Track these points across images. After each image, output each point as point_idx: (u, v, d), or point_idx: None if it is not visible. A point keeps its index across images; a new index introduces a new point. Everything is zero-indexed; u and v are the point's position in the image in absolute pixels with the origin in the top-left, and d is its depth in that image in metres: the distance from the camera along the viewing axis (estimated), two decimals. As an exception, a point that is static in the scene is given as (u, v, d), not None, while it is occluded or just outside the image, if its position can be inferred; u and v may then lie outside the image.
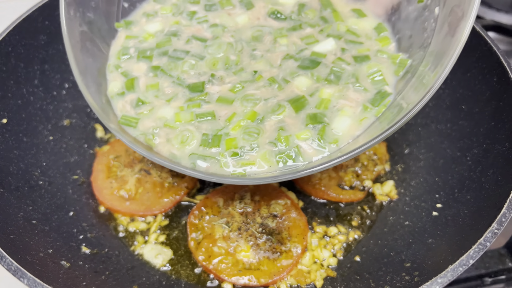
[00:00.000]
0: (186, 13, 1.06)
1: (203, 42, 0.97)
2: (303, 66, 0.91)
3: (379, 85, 0.89)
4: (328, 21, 1.01)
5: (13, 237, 0.85)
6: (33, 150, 1.09)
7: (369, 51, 0.95)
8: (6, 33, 1.08)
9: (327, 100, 0.85)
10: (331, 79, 0.89)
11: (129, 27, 1.03)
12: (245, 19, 1.02)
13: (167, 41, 0.98)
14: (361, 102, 0.86)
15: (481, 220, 0.83)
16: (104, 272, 0.95)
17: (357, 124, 0.84)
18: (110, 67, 0.97)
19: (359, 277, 0.96)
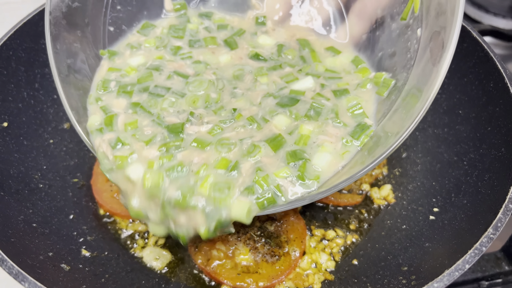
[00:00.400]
0: (170, 47, 1.04)
1: (184, 79, 0.95)
2: (281, 104, 0.90)
3: (359, 118, 0.88)
4: (306, 61, 1.02)
5: (13, 240, 0.86)
6: (33, 153, 1.10)
7: (348, 85, 0.95)
8: (7, 37, 1.08)
9: (306, 136, 0.84)
10: (311, 115, 0.88)
11: (113, 58, 1.01)
12: (227, 58, 1.02)
13: (148, 76, 0.96)
14: (341, 136, 0.85)
15: (477, 225, 0.84)
16: (104, 275, 0.96)
17: (339, 158, 0.83)
18: (90, 98, 0.94)
19: (357, 281, 0.97)
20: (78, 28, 0.97)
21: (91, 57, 0.99)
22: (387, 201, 1.13)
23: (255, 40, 1.06)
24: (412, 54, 0.85)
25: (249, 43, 1.05)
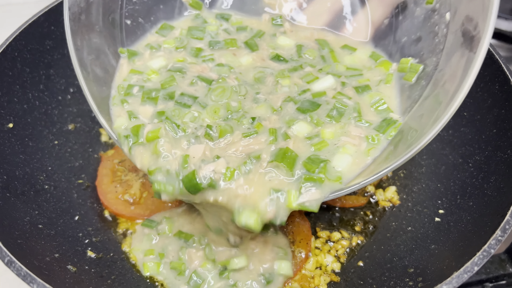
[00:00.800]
0: (190, 48, 1.03)
1: (207, 84, 0.93)
2: (302, 109, 0.88)
3: (384, 114, 0.87)
4: (326, 61, 1.01)
5: (20, 241, 0.86)
6: (38, 154, 1.10)
7: (369, 81, 0.94)
8: (13, 38, 1.08)
9: (325, 143, 0.82)
10: (333, 115, 0.87)
11: (132, 59, 1.01)
12: (249, 60, 1.01)
13: (171, 80, 0.94)
14: (365, 135, 0.84)
15: (484, 227, 0.84)
16: (110, 276, 0.95)
17: (363, 157, 0.81)
18: (114, 99, 0.93)
19: (363, 282, 0.97)
20: (96, 23, 0.96)
21: (110, 54, 0.99)
22: (392, 202, 1.13)
23: (275, 41, 1.06)
24: (440, 38, 0.84)
25: (269, 44, 1.05)
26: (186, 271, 0.97)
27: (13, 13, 1.98)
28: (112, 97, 0.93)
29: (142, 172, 1.16)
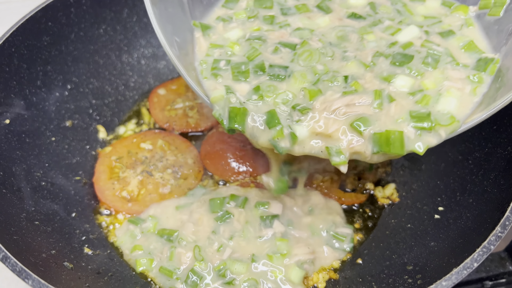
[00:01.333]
0: (263, 17, 1.02)
1: (292, 50, 0.91)
2: (396, 62, 0.87)
3: (476, 55, 0.87)
4: (402, 14, 1.01)
5: (16, 237, 0.85)
6: (35, 151, 1.09)
7: (451, 26, 0.94)
8: (10, 34, 1.07)
9: (428, 97, 0.80)
10: (429, 62, 0.86)
11: (207, 32, 0.98)
12: (326, 21, 0.99)
13: (255, 50, 0.92)
14: (466, 76, 0.83)
15: (484, 224, 0.83)
16: (107, 273, 0.95)
17: (471, 97, 0.81)
18: (203, 73, 0.90)
19: (362, 280, 0.96)
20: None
21: (184, 25, 0.98)
22: (391, 200, 1.13)
23: (346, 2, 1.04)
24: None
25: (341, 5, 1.03)
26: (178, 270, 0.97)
27: (12, 11, 1.97)
28: (200, 71, 0.91)
29: (139, 169, 1.16)
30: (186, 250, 0.98)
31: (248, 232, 1.01)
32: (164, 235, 1.01)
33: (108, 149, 1.21)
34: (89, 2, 1.26)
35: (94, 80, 1.30)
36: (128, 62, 1.38)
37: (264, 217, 1.02)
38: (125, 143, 1.22)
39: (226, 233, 1.00)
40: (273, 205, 1.05)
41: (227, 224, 1.01)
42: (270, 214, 1.03)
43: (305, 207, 1.08)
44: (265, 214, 1.03)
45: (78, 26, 1.26)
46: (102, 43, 1.32)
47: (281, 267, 0.96)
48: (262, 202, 1.05)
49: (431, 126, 0.76)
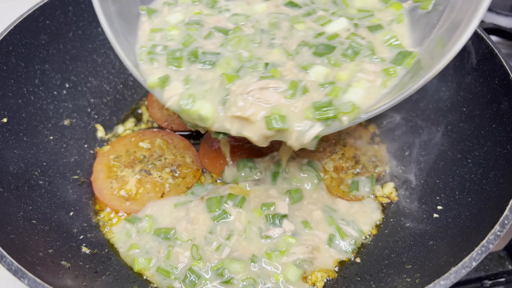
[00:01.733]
0: (206, 2, 1.05)
1: (225, 34, 0.96)
2: (318, 52, 0.91)
3: (397, 49, 0.91)
4: (338, 5, 1.04)
5: (13, 236, 0.84)
6: (33, 149, 1.09)
7: (381, 21, 0.98)
8: (7, 32, 1.07)
9: (337, 89, 0.84)
10: (348, 54, 0.90)
11: (151, 16, 1.02)
12: (263, 7, 1.03)
13: (190, 37, 0.96)
14: (380, 69, 0.87)
15: (483, 222, 0.83)
16: (105, 272, 0.94)
17: (379, 89, 0.85)
18: (141, 56, 0.95)
19: (360, 279, 0.96)
20: None
21: (132, 10, 1.01)
22: (390, 199, 1.12)
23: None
24: None
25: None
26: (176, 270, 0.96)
27: (13, 10, 1.97)
28: (138, 54, 0.95)
29: (138, 167, 1.15)
30: (183, 249, 0.98)
31: (251, 232, 1.00)
32: (160, 233, 1.01)
33: (106, 148, 1.21)
34: (87, 1, 1.25)
35: (92, 79, 1.30)
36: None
37: (271, 217, 1.02)
38: (123, 142, 1.22)
39: (223, 233, 1.00)
40: (278, 205, 1.05)
41: (224, 224, 1.01)
42: (278, 214, 1.03)
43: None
44: (271, 214, 1.03)
45: (76, 25, 1.25)
46: (101, 41, 1.32)
47: (279, 265, 0.96)
48: (267, 203, 1.05)
49: (335, 115, 0.80)
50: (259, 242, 1.00)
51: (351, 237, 1.03)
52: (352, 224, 1.05)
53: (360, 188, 1.12)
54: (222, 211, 1.03)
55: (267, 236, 1.00)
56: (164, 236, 1.00)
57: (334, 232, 1.03)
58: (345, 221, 1.06)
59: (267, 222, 1.02)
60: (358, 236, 1.04)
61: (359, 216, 1.08)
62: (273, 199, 1.06)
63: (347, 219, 1.06)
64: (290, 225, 1.02)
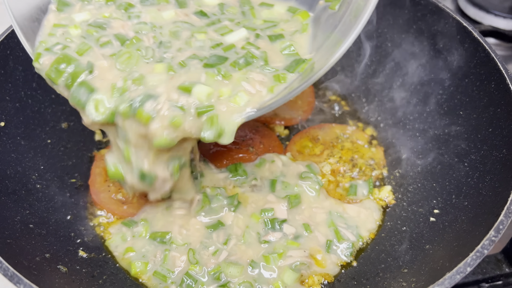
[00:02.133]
0: (120, 3, 1.00)
1: (121, 45, 0.92)
2: (209, 63, 0.89)
3: (293, 57, 0.92)
4: (246, 16, 1.03)
5: (9, 241, 0.85)
6: (30, 153, 1.09)
7: (283, 31, 0.98)
8: (5, 36, 1.07)
9: (215, 117, 0.83)
10: (240, 63, 0.89)
11: (61, 8, 0.97)
12: (171, 15, 1.00)
13: (84, 45, 0.91)
14: (269, 79, 0.88)
15: (479, 227, 0.83)
16: (102, 276, 0.95)
17: (267, 95, 0.86)
18: (38, 48, 0.91)
19: (356, 283, 0.96)
20: None
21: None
22: (387, 202, 1.13)
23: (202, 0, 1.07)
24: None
25: (196, 2, 1.05)
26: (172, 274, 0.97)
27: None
28: (35, 46, 0.91)
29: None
30: (180, 254, 0.98)
31: (249, 237, 1.01)
32: (156, 237, 1.01)
33: (104, 151, 1.21)
34: (85, 4, 1.26)
35: (90, 82, 1.30)
36: (125, 63, 1.38)
37: (269, 221, 1.03)
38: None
39: (220, 238, 1.00)
40: (277, 210, 1.05)
41: (221, 230, 1.02)
42: (277, 218, 1.04)
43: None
44: (269, 218, 1.03)
45: (74, 28, 1.25)
46: (98, 44, 1.32)
47: (276, 268, 0.97)
48: (266, 208, 1.05)
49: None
50: (258, 246, 1.00)
51: (348, 241, 1.03)
52: (351, 228, 1.05)
53: (358, 192, 1.12)
54: (218, 222, 1.03)
55: (265, 241, 1.00)
56: (160, 240, 1.01)
57: (332, 236, 1.03)
58: (346, 225, 1.06)
59: (266, 227, 1.02)
60: (356, 240, 1.04)
61: (360, 218, 1.08)
62: (271, 204, 1.07)
63: (349, 223, 1.06)
64: (290, 228, 1.02)
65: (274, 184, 1.11)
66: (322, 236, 1.03)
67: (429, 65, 1.18)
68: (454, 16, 1.11)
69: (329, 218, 1.06)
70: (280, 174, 1.13)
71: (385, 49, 1.29)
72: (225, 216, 1.04)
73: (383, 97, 1.30)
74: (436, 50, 1.16)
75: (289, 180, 1.12)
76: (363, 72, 1.35)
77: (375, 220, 1.08)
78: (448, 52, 1.13)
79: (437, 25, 1.14)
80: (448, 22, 1.12)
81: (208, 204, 1.05)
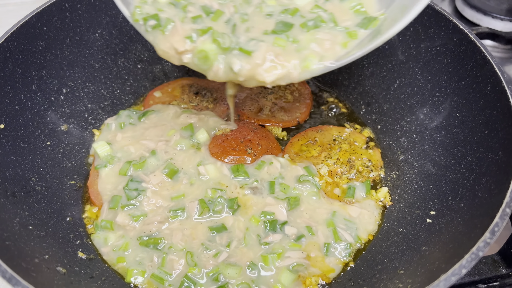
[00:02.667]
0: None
1: (206, 15, 0.98)
2: (277, 31, 0.93)
3: (362, 15, 0.95)
4: None
5: (8, 243, 0.85)
6: (30, 155, 1.10)
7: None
8: (4, 39, 1.08)
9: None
10: (309, 25, 0.94)
11: None
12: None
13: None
14: (340, 39, 0.92)
15: (474, 229, 0.84)
16: (100, 277, 0.95)
17: (338, 50, 0.90)
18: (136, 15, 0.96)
19: (353, 284, 0.97)
20: None
21: None
22: (384, 203, 1.13)
23: None
24: None
25: None
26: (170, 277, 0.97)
27: (12, 14, 1.98)
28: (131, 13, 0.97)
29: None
30: (178, 257, 0.99)
31: (250, 239, 1.01)
32: (149, 244, 1.01)
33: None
34: (84, 7, 1.27)
35: (89, 84, 1.31)
36: (124, 66, 1.38)
37: (268, 223, 1.04)
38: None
39: (223, 241, 1.01)
40: (277, 212, 1.06)
41: (225, 233, 1.02)
42: (278, 220, 1.04)
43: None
44: (269, 221, 1.04)
45: (74, 31, 1.26)
46: (98, 47, 1.33)
47: (274, 268, 0.97)
48: (266, 212, 1.06)
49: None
50: (258, 248, 1.01)
51: (346, 242, 1.04)
52: (350, 230, 1.06)
53: (356, 194, 1.13)
54: (222, 225, 1.04)
55: (266, 242, 1.01)
56: (154, 247, 1.01)
57: (330, 237, 1.04)
58: (346, 226, 1.06)
59: (266, 229, 1.03)
60: (353, 242, 1.05)
61: (361, 220, 1.08)
62: (271, 206, 1.07)
63: (349, 224, 1.07)
64: (292, 229, 1.03)
65: (273, 186, 1.11)
66: (322, 237, 1.04)
67: (426, 68, 1.19)
68: (451, 18, 1.11)
69: (329, 219, 1.07)
70: (279, 176, 1.14)
71: (382, 52, 1.30)
72: (226, 219, 1.05)
73: (380, 99, 1.30)
74: (433, 52, 1.17)
75: (287, 182, 1.13)
76: (361, 74, 1.36)
77: (375, 220, 1.09)
78: (445, 54, 1.13)
79: (434, 28, 1.15)
80: (445, 25, 1.13)
81: (208, 211, 1.05)
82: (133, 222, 1.04)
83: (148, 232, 1.03)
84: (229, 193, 1.10)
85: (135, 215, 1.05)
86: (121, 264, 0.99)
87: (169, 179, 1.11)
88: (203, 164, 1.14)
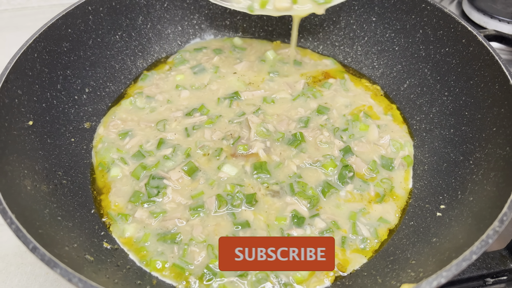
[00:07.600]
0: None
1: None
2: None
3: None
4: None
5: (41, 231, 0.90)
6: (56, 151, 1.14)
7: None
8: (33, 40, 1.13)
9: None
10: None
11: None
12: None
13: None
14: None
15: (484, 220, 0.87)
16: (125, 266, 1.00)
17: None
18: None
19: (367, 274, 1.00)
20: None
21: None
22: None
23: None
24: None
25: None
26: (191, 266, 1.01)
27: (29, 17, 2.05)
28: None
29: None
30: (199, 249, 1.02)
31: (273, 233, 1.05)
32: (166, 240, 1.04)
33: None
34: (106, 10, 1.32)
35: (110, 84, 1.36)
36: (143, 67, 1.44)
37: (291, 217, 1.07)
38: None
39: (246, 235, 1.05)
40: (299, 210, 1.09)
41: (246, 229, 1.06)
42: (301, 216, 1.07)
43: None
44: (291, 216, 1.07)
45: (96, 33, 1.32)
46: (118, 48, 1.38)
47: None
48: (285, 211, 1.09)
49: None
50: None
51: (362, 236, 1.07)
52: (369, 226, 1.08)
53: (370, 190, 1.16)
54: (246, 222, 1.07)
55: (289, 234, 1.04)
56: (172, 241, 1.04)
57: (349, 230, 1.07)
58: (367, 221, 1.09)
59: (291, 222, 1.06)
60: (371, 237, 1.07)
61: (382, 217, 1.11)
62: (292, 205, 1.10)
63: (370, 221, 1.09)
64: (321, 223, 1.06)
65: (292, 186, 1.14)
66: (341, 230, 1.07)
67: (435, 68, 1.23)
68: (460, 21, 1.16)
69: (351, 214, 1.10)
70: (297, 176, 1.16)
71: (393, 53, 1.34)
72: (246, 214, 1.08)
73: (391, 99, 1.34)
74: (442, 53, 1.21)
75: (306, 181, 1.16)
76: (371, 75, 1.40)
77: (394, 213, 1.12)
78: (453, 55, 1.18)
79: (443, 30, 1.19)
80: (454, 27, 1.17)
81: (226, 204, 1.10)
82: (152, 219, 1.08)
83: (166, 229, 1.06)
84: (249, 189, 1.13)
85: (155, 212, 1.09)
86: (143, 253, 1.04)
87: (188, 177, 1.15)
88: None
